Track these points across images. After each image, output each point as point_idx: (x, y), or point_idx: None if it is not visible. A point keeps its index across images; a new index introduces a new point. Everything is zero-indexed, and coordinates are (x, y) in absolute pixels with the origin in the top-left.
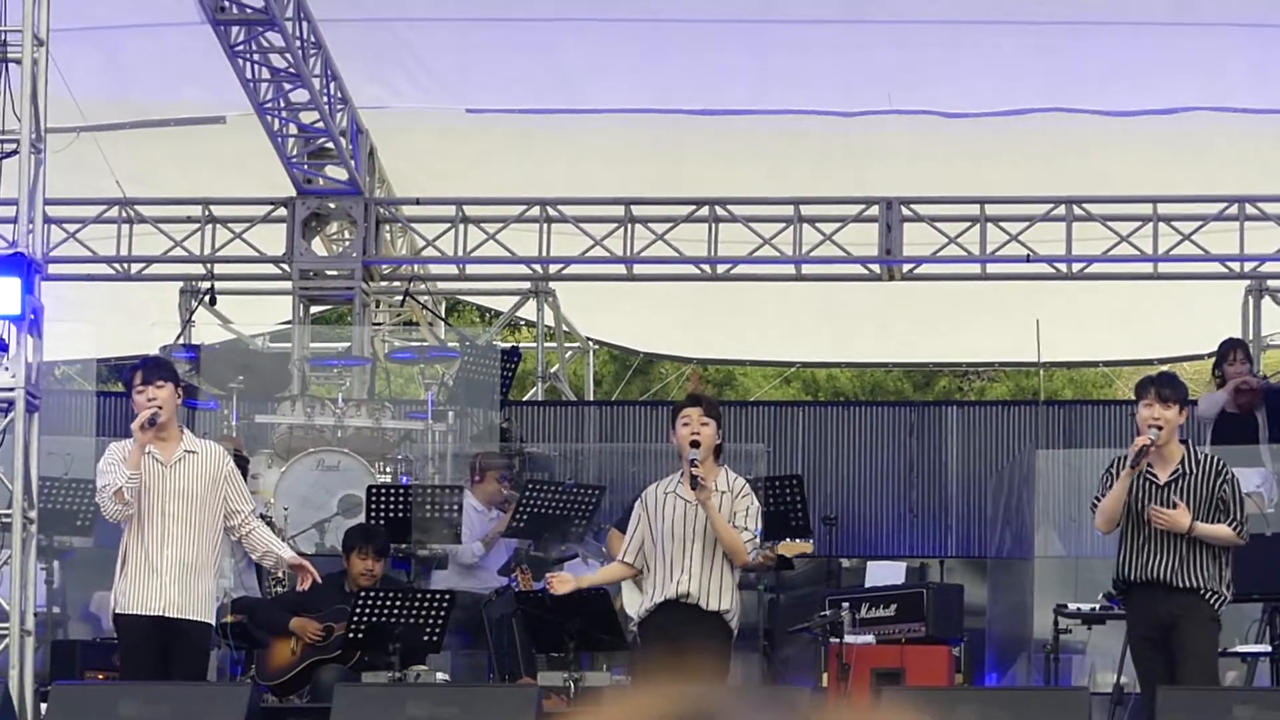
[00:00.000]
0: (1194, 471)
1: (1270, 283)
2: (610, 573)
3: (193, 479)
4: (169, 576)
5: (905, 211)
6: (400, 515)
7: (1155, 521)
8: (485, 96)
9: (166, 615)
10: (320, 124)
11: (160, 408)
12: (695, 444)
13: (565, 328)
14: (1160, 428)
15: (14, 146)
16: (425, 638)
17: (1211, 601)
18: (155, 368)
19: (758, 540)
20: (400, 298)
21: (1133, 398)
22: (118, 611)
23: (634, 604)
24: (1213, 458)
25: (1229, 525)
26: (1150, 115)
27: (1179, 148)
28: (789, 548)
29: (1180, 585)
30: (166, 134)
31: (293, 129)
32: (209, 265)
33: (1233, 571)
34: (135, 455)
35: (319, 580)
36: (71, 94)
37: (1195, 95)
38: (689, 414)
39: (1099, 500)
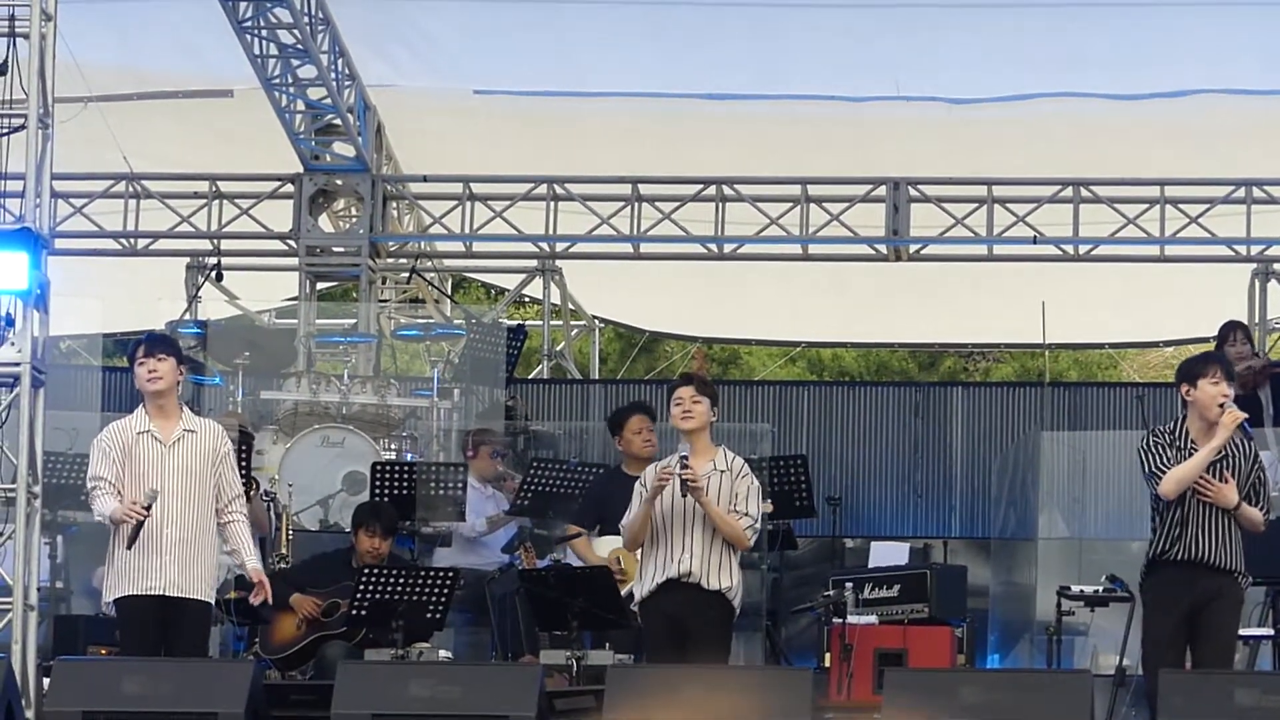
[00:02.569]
0: (1235, 453)
1: (1277, 266)
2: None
3: (192, 457)
4: (169, 556)
5: (912, 192)
6: (404, 492)
7: (1204, 491)
8: (492, 78)
9: (167, 594)
10: (328, 100)
11: (144, 517)
12: (685, 462)
13: (571, 306)
14: (1222, 405)
15: (21, 121)
16: (428, 615)
17: (1242, 583)
18: (158, 342)
19: (757, 525)
20: (406, 275)
21: (1138, 380)
22: (118, 595)
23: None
24: (1248, 442)
25: (1261, 510)
26: (1158, 99)
27: (1186, 131)
28: None
29: (1221, 566)
30: (174, 108)
31: (300, 105)
32: (215, 241)
33: None
34: (118, 516)
35: (270, 601)
36: (78, 65)
37: (1203, 78)
38: (681, 394)
39: (1160, 470)
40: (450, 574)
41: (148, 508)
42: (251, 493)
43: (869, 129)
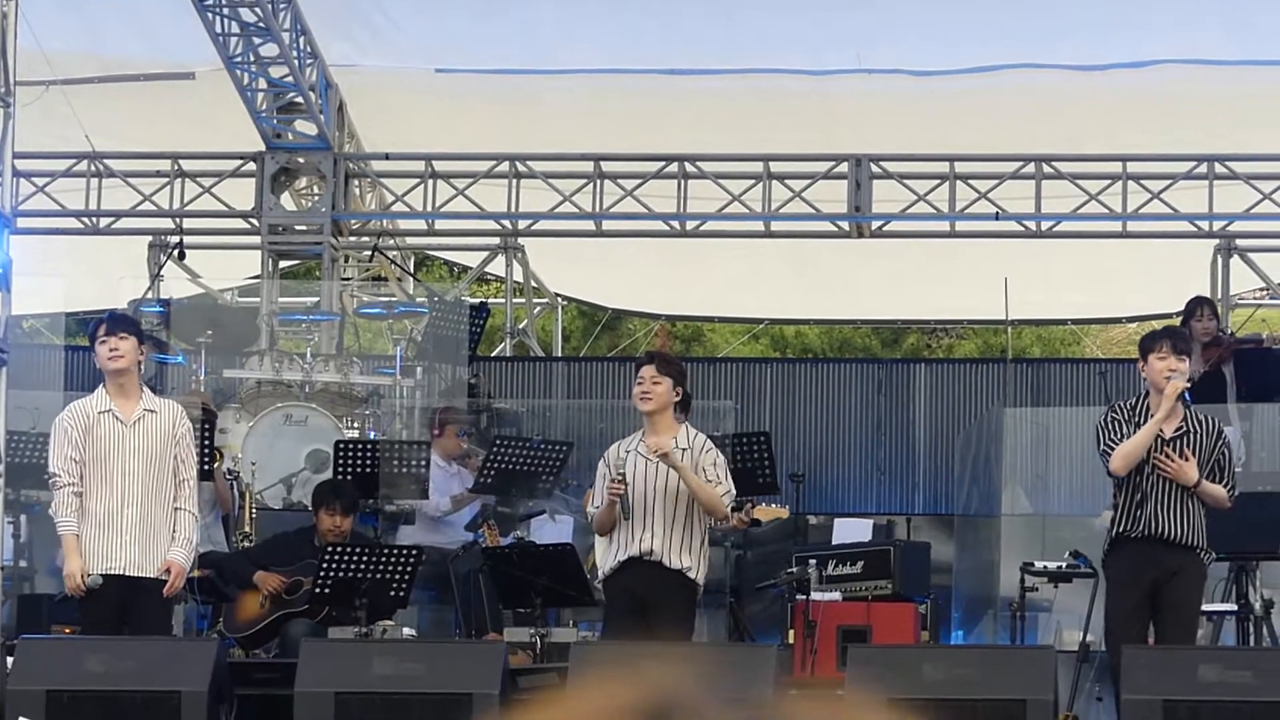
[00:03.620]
0: (1197, 430)
1: (1239, 242)
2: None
3: (152, 437)
4: (129, 535)
5: (875, 169)
6: (368, 470)
7: (1164, 468)
8: (455, 57)
9: (127, 574)
10: (289, 79)
11: (80, 595)
12: (621, 479)
13: (534, 283)
14: (1169, 378)
15: None
16: (392, 593)
17: (1205, 559)
18: (119, 321)
19: (733, 491)
20: (369, 253)
21: (1100, 356)
22: None
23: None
24: (1212, 419)
25: (1225, 487)
26: (1120, 69)
27: (1149, 102)
28: (765, 512)
29: (1182, 542)
30: (136, 88)
31: (262, 83)
32: (178, 220)
33: None
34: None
35: (175, 593)
36: (41, 47)
37: (1166, 48)
38: (642, 374)
39: (1110, 447)
40: (413, 552)
41: (89, 590)
42: (217, 464)
43: (832, 103)
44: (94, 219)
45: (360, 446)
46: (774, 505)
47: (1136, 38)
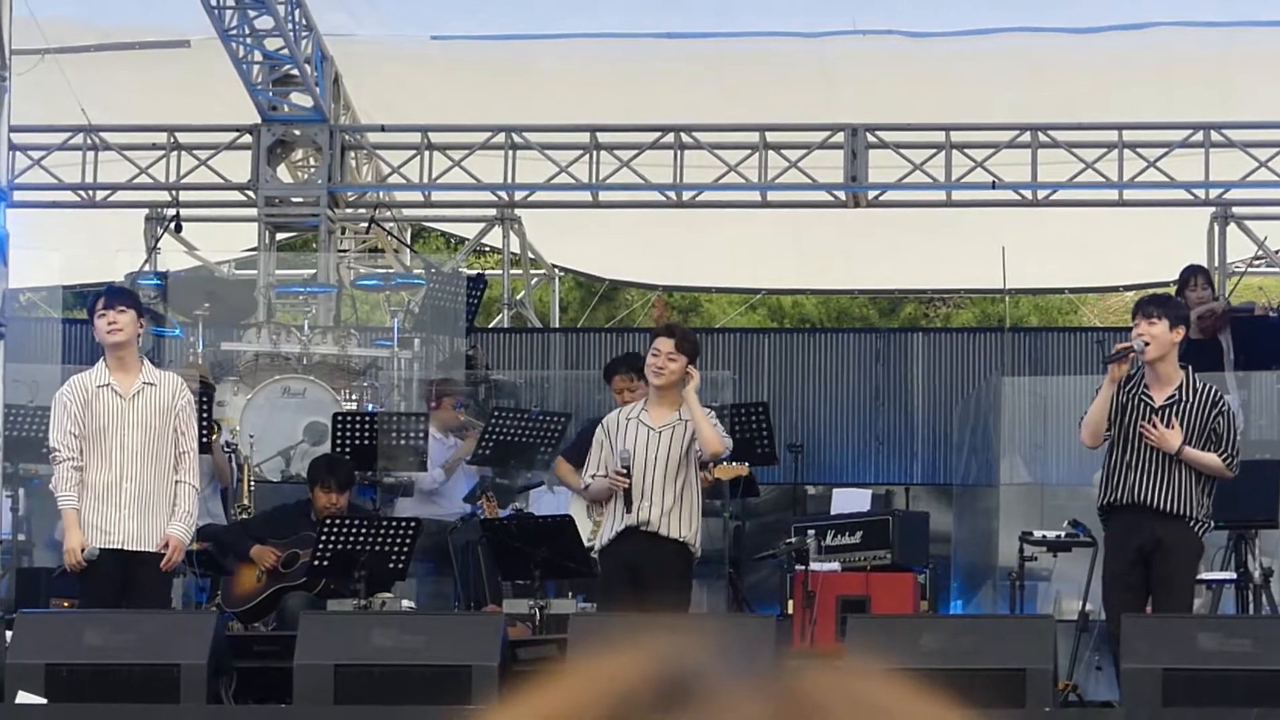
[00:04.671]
0: (1190, 399)
1: (1235, 209)
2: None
3: (151, 411)
4: (128, 510)
5: (871, 138)
6: (366, 442)
7: (1146, 437)
8: (450, 23)
9: (125, 548)
10: (285, 51)
11: (80, 569)
12: (626, 471)
13: (531, 254)
14: (1148, 342)
15: None
16: (391, 565)
17: (1196, 529)
18: (118, 294)
19: (729, 443)
20: (366, 225)
21: (1098, 324)
22: None
23: (584, 533)
24: (1210, 387)
25: (1220, 456)
26: (1116, 31)
27: (1145, 66)
28: (725, 470)
29: (1166, 509)
30: (131, 59)
31: (257, 55)
32: (174, 192)
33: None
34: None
35: (173, 568)
36: (35, 17)
37: (1161, 9)
38: (659, 345)
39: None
40: (412, 524)
41: (88, 564)
42: (214, 437)
43: (828, 67)
44: (90, 192)
45: (358, 419)
46: (733, 465)
47: (1130, 0)
